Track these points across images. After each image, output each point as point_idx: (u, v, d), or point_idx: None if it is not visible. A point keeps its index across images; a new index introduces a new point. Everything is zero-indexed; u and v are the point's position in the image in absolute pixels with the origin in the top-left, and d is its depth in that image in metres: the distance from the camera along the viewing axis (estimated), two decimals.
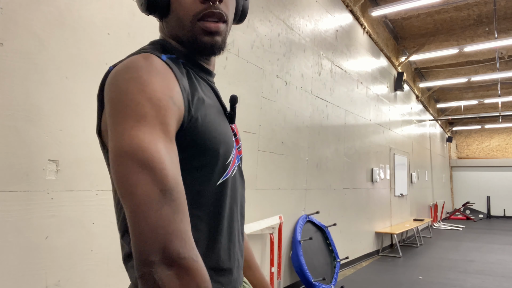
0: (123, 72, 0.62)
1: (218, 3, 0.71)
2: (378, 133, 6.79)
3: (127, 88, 0.59)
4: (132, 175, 0.55)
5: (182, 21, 0.72)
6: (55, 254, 1.83)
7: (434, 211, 11.46)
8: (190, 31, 0.72)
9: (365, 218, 6.01)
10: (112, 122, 0.59)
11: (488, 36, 7.39)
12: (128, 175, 0.55)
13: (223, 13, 0.72)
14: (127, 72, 0.61)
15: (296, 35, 4.16)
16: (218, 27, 0.72)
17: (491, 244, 7.89)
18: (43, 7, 1.83)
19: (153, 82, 0.60)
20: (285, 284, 3.83)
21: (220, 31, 0.72)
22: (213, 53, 0.74)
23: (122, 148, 0.56)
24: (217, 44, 0.73)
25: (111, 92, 0.61)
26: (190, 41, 0.73)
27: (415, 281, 4.65)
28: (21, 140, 1.72)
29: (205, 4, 0.70)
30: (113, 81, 0.62)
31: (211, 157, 0.68)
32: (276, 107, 3.74)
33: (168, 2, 0.72)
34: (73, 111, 1.94)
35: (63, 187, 1.88)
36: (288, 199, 3.93)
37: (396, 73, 8.03)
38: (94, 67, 2.05)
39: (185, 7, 0.71)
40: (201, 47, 0.73)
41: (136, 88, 0.59)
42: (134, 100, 0.58)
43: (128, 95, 0.59)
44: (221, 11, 0.72)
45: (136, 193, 0.54)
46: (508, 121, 14.59)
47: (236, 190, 0.77)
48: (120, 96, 0.59)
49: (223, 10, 0.72)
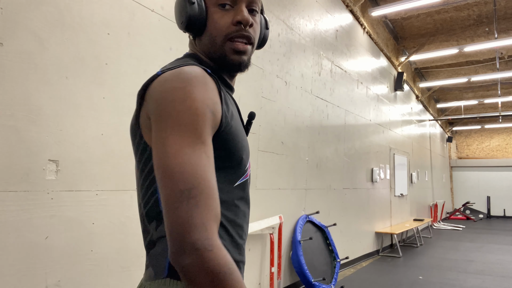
0: (171, 81, 0.70)
1: (248, 27, 0.82)
2: (378, 133, 6.79)
3: (172, 97, 0.69)
4: (162, 179, 0.65)
5: (215, 39, 0.83)
6: (55, 254, 1.83)
7: (434, 211, 11.45)
8: (220, 49, 0.83)
9: (365, 218, 6.01)
10: (156, 126, 0.69)
11: (488, 36, 7.39)
12: (161, 179, 0.65)
13: (251, 36, 0.84)
14: (174, 82, 0.70)
15: (296, 35, 4.16)
16: (246, 48, 0.83)
17: (491, 244, 7.89)
18: (43, 7, 1.83)
19: (195, 93, 0.69)
20: (285, 284, 3.83)
21: (247, 51, 0.84)
22: (240, 70, 0.86)
23: (163, 151, 0.66)
24: (243, 63, 0.85)
25: (158, 98, 0.70)
26: (220, 58, 0.84)
27: (415, 281, 4.65)
28: (21, 140, 1.72)
29: (237, 27, 0.82)
30: (161, 88, 0.71)
31: (235, 161, 0.79)
32: (276, 107, 3.74)
33: (205, 23, 0.83)
34: (73, 111, 1.94)
35: (63, 187, 1.88)
36: (288, 199, 3.93)
37: (396, 73, 8.03)
38: (94, 67, 2.05)
39: (219, 28, 0.82)
40: (230, 64, 0.84)
41: (179, 98, 0.68)
42: (176, 109, 0.67)
43: (171, 103, 0.68)
44: (249, 34, 0.83)
45: (164, 194, 0.64)
46: (508, 121, 14.59)
47: (249, 192, 0.89)
48: (165, 103, 0.69)
49: (251, 34, 0.84)
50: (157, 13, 2.45)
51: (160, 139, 0.67)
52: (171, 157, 0.65)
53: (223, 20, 0.81)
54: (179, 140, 0.66)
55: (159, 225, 0.76)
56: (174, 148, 0.66)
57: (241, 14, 0.81)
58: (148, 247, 0.79)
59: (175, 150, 0.65)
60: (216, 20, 0.82)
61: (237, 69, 0.85)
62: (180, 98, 0.68)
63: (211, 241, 0.62)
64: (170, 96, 0.68)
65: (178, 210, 0.62)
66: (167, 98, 0.69)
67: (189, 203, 0.62)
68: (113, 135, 2.14)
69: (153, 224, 0.77)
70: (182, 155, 0.65)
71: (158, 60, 2.44)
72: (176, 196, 0.63)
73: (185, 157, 0.65)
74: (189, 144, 0.66)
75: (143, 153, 0.78)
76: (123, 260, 2.16)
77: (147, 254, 0.78)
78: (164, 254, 0.74)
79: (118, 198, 2.15)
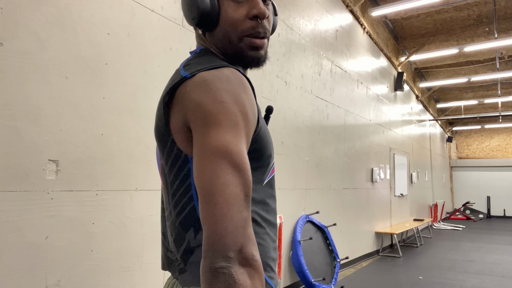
0: (217, 83, 0.68)
1: (263, 21, 0.79)
2: (378, 133, 6.79)
3: (223, 97, 0.66)
4: (224, 175, 0.60)
5: (230, 35, 0.78)
6: (55, 254, 1.83)
7: (434, 211, 11.45)
8: (237, 45, 0.79)
9: (365, 218, 6.01)
10: (204, 124, 0.65)
11: (488, 36, 7.39)
12: (221, 173, 0.61)
13: (267, 30, 0.81)
14: (222, 83, 0.67)
15: (296, 35, 4.16)
16: (263, 43, 0.80)
17: (491, 244, 7.89)
18: (43, 7, 1.83)
19: (243, 97, 0.68)
20: (285, 284, 3.83)
21: (264, 46, 0.81)
22: (258, 65, 0.83)
23: (217, 148, 0.62)
24: (261, 58, 0.82)
25: (201, 99, 0.67)
26: (236, 54, 0.80)
27: (415, 281, 4.65)
28: (21, 140, 1.72)
29: (253, 21, 0.78)
30: (206, 89, 0.67)
31: (265, 160, 0.78)
32: (276, 107, 3.74)
33: (218, 17, 0.78)
34: (73, 111, 1.94)
35: (63, 187, 1.88)
36: (288, 199, 3.93)
37: (396, 73, 8.03)
38: (94, 67, 2.05)
39: (233, 23, 0.78)
40: (247, 60, 0.80)
41: (232, 99, 0.66)
42: (229, 110, 0.65)
43: (224, 104, 0.65)
44: (265, 29, 0.80)
45: (226, 192, 0.60)
46: (508, 121, 14.59)
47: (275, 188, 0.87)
48: (215, 103, 0.65)
49: (267, 27, 0.81)
50: (157, 13, 2.45)
51: (207, 138, 0.64)
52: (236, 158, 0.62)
53: (237, 14, 0.77)
54: (238, 143, 0.64)
55: (198, 233, 0.74)
56: (236, 149, 0.63)
57: (258, 7, 0.77)
58: (184, 255, 0.76)
59: (237, 153, 0.62)
60: (230, 13, 0.77)
61: (256, 64, 0.82)
62: (232, 100, 0.66)
63: (257, 253, 0.61)
64: (220, 97, 0.66)
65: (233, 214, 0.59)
66: (217, 99, 0.66)
67: (245, 209, 0.61)
68: (113, 135, 2.14)
69: (191, 232, 0.74)
70: (243, 160, 0.63)
71: (158, 60, 2.44)
72: (236, 199, 0.60)
73: (245, 164, 0.63)
74: (243, 149, 0.65)
75: (177, 160, 0.74)
76: (123, 260, 2.16)
77: (183, 261, 0.76)
78: None
79: (118, 198, 2.15)
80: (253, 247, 0.60)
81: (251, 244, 0.60)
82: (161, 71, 2.46)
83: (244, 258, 0.58)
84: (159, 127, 0.75)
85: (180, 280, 0.78)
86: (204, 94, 0.67)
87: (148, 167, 2.33)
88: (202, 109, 0.66)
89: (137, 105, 2.29)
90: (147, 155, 2.33)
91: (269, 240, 0.79)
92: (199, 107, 0.66)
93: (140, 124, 2.30)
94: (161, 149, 0.77)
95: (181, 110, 0.70)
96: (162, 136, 0.75)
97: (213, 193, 0.60)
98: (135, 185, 2.24)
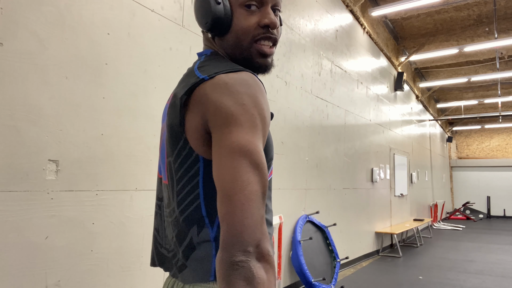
0: (238, 86, 0.71)
1: (273, 30, 0.82)
2: (378, 133, 6.79)
3: (243, 100, 0.70)
4: (246, 173, 0.64)
5: (241, 41, 0.82)
6: (55, 254, 1.83)
7: (434, 211, 11.45)
8: (247, 50, 0.82)
9: (365, 218, 6.01)
10: (226, 124, 0.68)
11: (488, 36, 7.39)
12: (242, 171, 0.64)
13: (277, 38, 0.85)
14: (242, 87, 0.71)
15: (296, 35, 4.16)
16: (272, 51, 0.84)
17: (491, 244, 7.89)
18: (43, 7, 1.83)
19: (261, 101, 0.72)
20: (285, 284, 3.83)
21: (272, 54, 0.85)
22: (265, 72, 0.86)
23: (239, 147, 0.66)
24: (269, 65, 0.86)
25: (225, 100, 0.70)
26: (246, 60, 0.83)
27: (415, 281, 4.64)
28: (21, 140, 1.72)
29: (264, 29, 0.81)
30: (227, 91, 0.70)
31: (268, 162, 0.81)
32: (276, 107, 3.74)
33: (230, 24, 0.81)
34: (73, 111, 1.94)
35: (63, 187, 1.88)
36: (288, 199, 3.93)
37: (396, 73, 8.03)
38: (94, 67, 2.05)
39: (245, 30, 0.81)
40: (256, 66, 0.84)
41: (251, 102, 0.70)
42: (250, 112, 0.69)
43: (245, 106, 0.69)
44: (276, 36, 0.84)
45: (247, 189, 0.63)
46: (508, 121, 14.59)
47: None
48: (236, 105, 0.69)
49: (277, 36, 0.85)
50: (157, 13, 2.45)
51: (228, 137, 0.67)
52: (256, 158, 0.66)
53: (249, 22, 0.81)
54: (258, 143, 0.68)
55: (201, 230, 0.76)
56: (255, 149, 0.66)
57: (269, 17, 0.81)
58: (186, 251, 0.78)
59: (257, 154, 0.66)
60: (242, 21, 0.81)
61: (263, 71, 0.86)
62: (252, 103, 0.70)
63: (271, 250, 0.65)
64: (241, 100, 0.69)
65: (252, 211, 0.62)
66: (238, 101, 0.69)
67: (262, 207, 0.64)
68: (113, 135, 2.14)
69: (194, 229, 0.77)
70: (262, 159, 0.67)
71: (158, 60, 2.44)
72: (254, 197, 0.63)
73: (263, 163, 0.67)
74: (261, 149, 0.68)
75: (187, 158, 0.77)
76: (123, 260, 2.16)
77: (184, 257, 0.78)
78: (209, 259, 0.75)
79: (118, 198, 2.15)
80: (268, 243, 0.63)
81: (267, 240, 0.63)
82: (161, 71, 2.46)
83: (261, 253, 0.61)
84: (173, 125, 0.78)
85: (180, 278, 0.78)
86: (225, 96, 0.70)
87: (148, 167, 2.33)
88: (224, 110, 0.69)
89: (137, 105, 2.29)
90: (147, 155, 2.33)
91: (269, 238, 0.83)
92: (220, 108, 0.69)
93: (140, 124, 2.30)
94: (172, 147, 0.79)
95: (200, 110, 0.73)
96: (175, 135, 0.77)
97: (235, 190, 0.63)
98: (135, 185, 2.24)
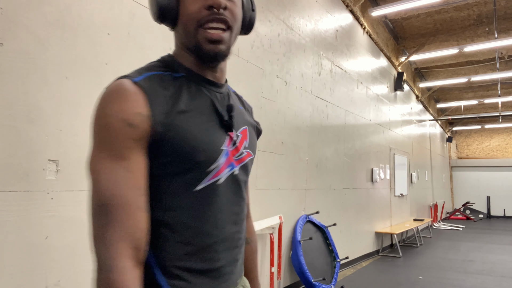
0: (98, 99, 0.72)
1: (222, 10, 0.74)
2: (378, 133, 6.79)
3: (94, 115, 0.70)
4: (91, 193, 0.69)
5: (187, 28, 0.75)
6: (55, 254, 1.83)
7: (434, 211, 11.45)
8: (194, 37, 0.75)
9: (365, 218, 6.01)
10: None
11: (488, 36, 7.39)
12: None
13: (227, 18, 0.75)
14: (98, 100, 0.71)
15: (296, 35, 4.16)
16: (221, 37, 0.74)
17: (491, 244, 7.89)
18: (43, 7, 1.83)
19: (108, 109, 0.68)
20: (285, 284, 3.83)
21: (223, 39, 0.75)
22: (216, 60, 0.78)
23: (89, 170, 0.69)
24: (219, 52, 0.76)
25: None
26: (195, 48, 0.76)
27: (415, 281, 4.65)
28: (21, 140, 1.72)
29: (209, 11, 0.73)
30: None
31: (190, 163, 0.73)
32: (276, 107, 3.74)
33: (177, 10, 0.75)
34: (73, 111, 1.94)
35: (63, 187, 1.88)
36: (288, 199, 3.93)
37: (396, 73, 8.03)
38: (94, 67, 2.05)
39: (190, 14, 0.74)
40: (205, 54, 0.76)
41: (97, 116, 0.70)
42: (95, 127, 0.69)
43: (93, 123, 0.70)
44: (225, 17, 0.74)
45: None
46: (508, 121, 14.59)
47: (224, 196, 0.79)
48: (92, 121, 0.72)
49: (228, 16, 0.75)
50: None
51: None
52: (91, 174, 0.68)
53: (195, 6, 0.74)
54: (96, 158, 0.68)
55: None
56: (92, 166, 0.68)
57: None
58: None
59: (93, 168, 0.68)
60: (188, 6, 0.74)
61: (213, 59, 0.77)
62: (97, 116, 0.69)
63: (114, 261, 0.62)
64: (94, 115, 0.71)
65: (92, 225, 0.66)
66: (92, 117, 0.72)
67: (100, 219, 0.65)
68: None
69: None
70: (97, 172, 0.67)
71: None
72: (93, 212, 0.66)
73: (100, 175, 0.66)
74: (104, 161, 0.67)
75: None
76: None
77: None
78: None
79: None
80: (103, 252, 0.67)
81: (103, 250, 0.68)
82: None
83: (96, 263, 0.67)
84: None
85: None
86: None
87: None
88: None
89: None
90: None
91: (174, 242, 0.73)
92: None
93: None
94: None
95: None
96: None
97: None
98: None
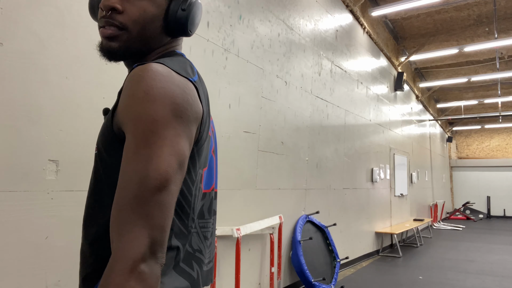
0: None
1: (111, 13, 0.76)
2: (378, 133, 6.79)
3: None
4: None
5: None
6: (55, 254, 1.83)
7: (434, 211, 11.45)
8: None
9: (365, 218, 6.01)
10: None
11: (488, 36, 7.39)
12: None
13: (116, 22, 0.76)
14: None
15: (296, 35, 4.16)
16: (111, 34, 0.76)
17: (491, 244, 7.89)
18: (43, 7, 1.83)
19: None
20: (285, 284, 3.83)
21: (114, 36, 0.76)
22: (108, 57, 0.79)
23: None
24: (110, 49, 0.77)
25: None
26: None
27: (415, 281, 4.64)
28: (21, 140, 1.72)
29: (103, 13, 0.77)
30: None
31: None
32: (276, 107, 3.74)
33: None
34: (73, 111, 1.94)
35: (63, 187, 1.88)
36: (288, 199, 3.93)
37: (396, 73, 8.03)
38: (94, 67, 2.05)
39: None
40: (101, 51, 0.79)
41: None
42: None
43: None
44: (113, 20, 0.76)
45: None
46: (508, 121, 14.58)
47: None
48: None
49: (119, 20, 0.76)
50: None
51: None
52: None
53: None
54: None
55: None
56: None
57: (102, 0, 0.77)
58: None
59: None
60: None
61: (107, 56, 0.79)
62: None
63: None
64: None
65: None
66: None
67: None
68: None
69: None
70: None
71: None
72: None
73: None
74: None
75: None
76: None
77: None
78: None
79: None
80: None
81: None
82: None
83: None
84: None
85: None
86: None
87: None
88: None
89: None
90: None
91: None
92: None
93: None
94: None
95: None
96: None
97: None
98: None
